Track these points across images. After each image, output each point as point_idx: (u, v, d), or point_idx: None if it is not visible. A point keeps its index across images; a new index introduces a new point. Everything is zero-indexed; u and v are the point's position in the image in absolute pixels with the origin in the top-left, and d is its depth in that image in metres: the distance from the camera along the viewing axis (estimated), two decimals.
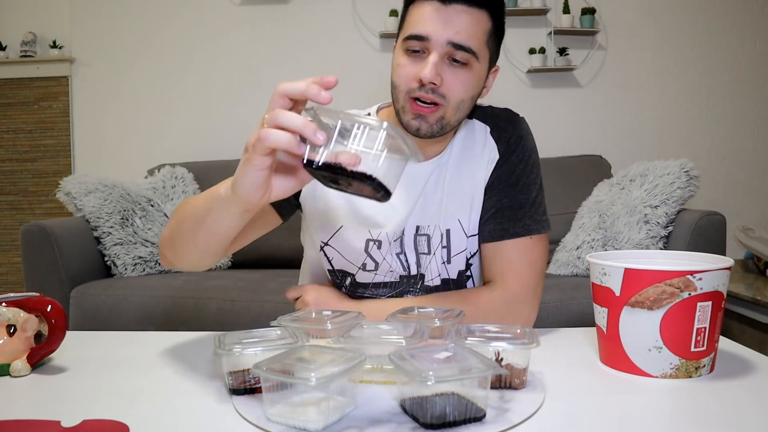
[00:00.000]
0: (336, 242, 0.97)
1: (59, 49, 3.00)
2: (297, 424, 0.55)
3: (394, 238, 0.95)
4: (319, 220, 0.98)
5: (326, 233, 0.97)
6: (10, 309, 0.74)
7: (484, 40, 0.87)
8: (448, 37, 0.83)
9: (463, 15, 0.84)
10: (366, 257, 0.96)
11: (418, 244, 0.96)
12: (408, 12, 0.89)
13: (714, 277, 0.68)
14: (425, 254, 0.96)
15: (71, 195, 2.34)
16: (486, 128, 0.98)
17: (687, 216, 2.08)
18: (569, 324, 1.84)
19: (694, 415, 0.59)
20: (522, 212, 0.94)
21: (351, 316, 0.76)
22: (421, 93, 0.85)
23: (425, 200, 0.95)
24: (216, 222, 0.75)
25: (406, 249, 0.96)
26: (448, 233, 0.95)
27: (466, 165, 0.96)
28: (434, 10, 0.84)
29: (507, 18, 0.91)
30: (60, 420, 0.57)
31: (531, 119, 1.03)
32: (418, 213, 0.95)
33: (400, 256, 0.96)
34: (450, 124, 0.89)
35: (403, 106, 0.88)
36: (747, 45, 2.93)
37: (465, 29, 0.84)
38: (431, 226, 0.95)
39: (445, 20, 0.83)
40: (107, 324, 2.05)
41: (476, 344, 0.63)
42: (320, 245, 0.98)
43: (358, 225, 0.95)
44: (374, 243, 0.95)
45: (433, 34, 0.84)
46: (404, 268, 0.97)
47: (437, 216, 0.95)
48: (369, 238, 0.95)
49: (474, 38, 0.85)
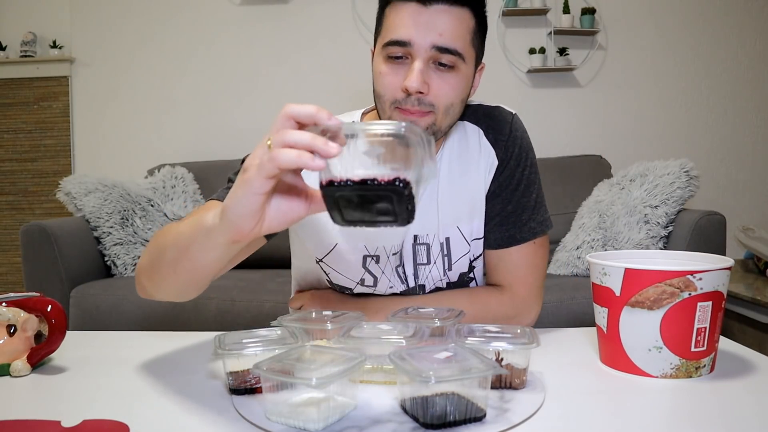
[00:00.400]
0: (331, 260, 0.94)
1: (59, 49, 3.00)
2: (297, 424, 0.55)
3: (393, 252, 0.93)
4: (312, 239, 0.94)
5: (321, 251, 0.94)
6: (10, 309, 0.74)
7: (468, 39, 0.82)
8: (432, 41, 0.79)
9: (445, 15, 0.79)
10: (364, 272, 0.94)
11: (417, 254, 0.94)
12: (385, 15, 0.84)
13: (714, 277, 0.68)
14: (424, 264, 0.94)
15: (71, 195, 2.34)
16: (479, 131, 0.94)
17: (687, 216, 2.08)
18: (569, 324, 1.84)
19: (694, 415, 0.59)
20: (526, 215, 0.93)
21: (351, 316, 0.76)
22: (408, 105, 0.81)
23: (422, 209, 0.92)
24: (200, 252, 0.67)
25: (405, 261, 0.94)
26: (448, 241, 0.94)
27: (462, 171, 0.93)
28: (414, 12, 0.79)
29: (507, 18, 0.90)
30: (60, 420, 0.57)
31: (531, 119, 1.03)
32: (416, 222, 0.92)
33: (398, 269, 0.94)
34: (441, 130, 0.85)
35: (390, 117, 0.84)
36: (747, 45, 2.93)
37: (449, 30, 0.79)
38: (430, 235, 0.93)
39: (426, 23, 0.79)
40: (107, 324, 2.05)
41: (476, 344, 0.64)
42: (316, 260, 0.95)
43: (353, 241, 0.92)
44: (372, 258, 0.93)
45: (416, 38, 0.79)
46: (402, 281, 0.95)
47: (435, 224, 0.93)
48: (366, 254, 0.93)
49: (459, 39, 0.80)
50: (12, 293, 0.78)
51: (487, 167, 0.93)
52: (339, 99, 2.92)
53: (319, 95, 2.95)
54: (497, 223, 0.94)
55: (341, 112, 0.94)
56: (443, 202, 0.93)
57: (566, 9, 2.81)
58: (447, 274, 0.96)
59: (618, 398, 0.64)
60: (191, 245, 0.67)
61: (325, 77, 2.95)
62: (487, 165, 0.93)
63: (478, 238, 0.95)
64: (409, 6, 0.80)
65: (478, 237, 0.95)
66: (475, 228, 0.94)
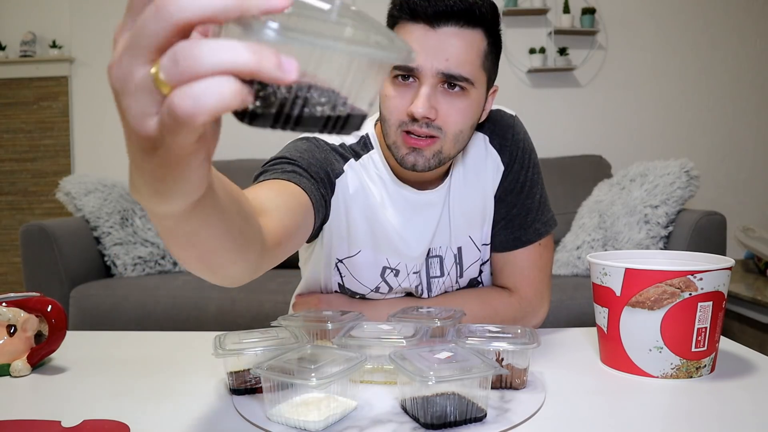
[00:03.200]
0: (351, 263, 0.93)
1: (59, 49, 3.00)
2: (297, 424, 0.55)
3: (413, 270, 0.92)
4: (339, 240, 0.91)
5: (343, 253, 0.92)
6: (11, 309, 0.74)
7: (479, 63, 0.78)
8: (438, 67, 0.75)
9: (454, 39, 0.75)
10: (380, 281, 0.93)
11: (430, 268, 0.94)
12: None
13: (715, 277, 0.68)
14: (437, 277, 0.94)
15: (71, 195, 2.34)
16: (484, 137, 0.93)
17: (687, 216, 2.08)
18: (569, 324, 1.84)
19: (694, 415, 0.59)
20: (530, 217, 0.93)
21: (351, 316, 0.76)
22: (414, 127, 0.77)
23: (440, 225, 0.92)
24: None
25: (420, 276, 0.94)
26: (460, 250, 0.94)
27: (472, 181, 0.93)
28: (422, 36, 0.76)
29: (507, 18, 0.89)
30: (60, 420, 0.57)
31: (531, 119, 1.03)
32: (434, 239, 0.92)
33: (416, 286, 0.94)
34: (449, 156, 0.81)
35: (395, 141, 0.80)
36: (747, 45, 2.93)
37: (456, 56, 0.75)
38: (443, 247, 0.93)
39: (435, 47, 0.75)
40: (107, 324, 2.05)
41: (477, 344, 0.63)
42: (336, 260, 0.93)
43: (377, 253, 0.91)
44: (391, 271, 0.92)
45: (423, 64, 0.75)
46: (416, 293, 0.95)
47: (449, 237, 0.93)
48: (386, 266, 0.92)
49: (467, 64, 0.76)
50: (12, 293, 0.78)
51: (494, 171, 0.93)
52: None
53: None
54: (502, 226, 0.94)
55: None
56: (455, 213, 0.92)
57: (566, 9, 2.81)
58: (458, 282, 0.96)
59: (618, 398, 0.64)
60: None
61: None
62: (494, 169, 0.93)
63: (487, 244, 0.96)
64: (417, 28, 0.76)
65: (487, 243, 0.95)
66: (485, 234, 0.95)
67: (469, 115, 0.80)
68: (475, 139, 0.93)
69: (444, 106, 0.77)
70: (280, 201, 0.70)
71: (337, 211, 0.88)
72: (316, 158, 0.84)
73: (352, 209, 0.88)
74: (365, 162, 0.90)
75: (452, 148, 0.81)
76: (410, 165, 0.80)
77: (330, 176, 0.85)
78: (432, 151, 0.79)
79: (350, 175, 0.88)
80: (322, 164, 0.84)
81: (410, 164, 0.80)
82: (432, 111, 0.76)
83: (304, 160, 0.82)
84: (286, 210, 0.69)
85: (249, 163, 2.62)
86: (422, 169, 0.81)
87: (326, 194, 0.83)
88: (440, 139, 0.79)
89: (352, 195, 0.88)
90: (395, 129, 0.80)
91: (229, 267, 0.52)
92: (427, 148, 0.79)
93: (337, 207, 0.87)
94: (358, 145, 0.91)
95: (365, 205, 0.88)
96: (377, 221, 0.89)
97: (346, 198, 0.88)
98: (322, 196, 0.82)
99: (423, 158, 0.80)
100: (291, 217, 0.69)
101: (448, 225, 0.92)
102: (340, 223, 0.89)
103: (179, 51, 0.27)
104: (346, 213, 0.88)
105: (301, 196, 0.75)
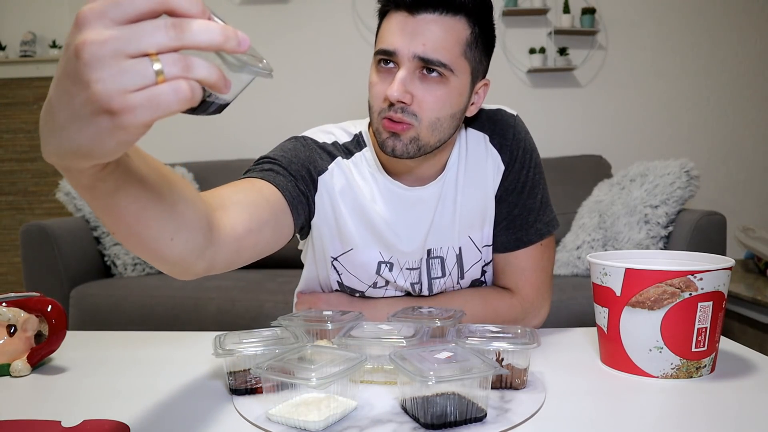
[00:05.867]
0: (346, 260, 0.93)
1: (59, 49, 3.00)
2: (297, 424, 0.55)
3: (407, 266, 0.93)
4: (331, 238, 0.92)
5: (336, 250, 0.93)
6: (11, 309, 0.74)
7: (458, 51, 0.78)
8: (415, 51, 0.76)
9: (432, 25, 0.77)
10: (377, 277, 0.93)
11: (431, 268, 0.94)
12: (381, 25, 0.83)
13: (715, 277, 0.68)
14: (438, 278, 0.94)
15: (71, 195, 2.34)
16: (485, 137, 0.93)
17: (687, 216, 2.08)
18: (569, 324, 1.84)
19: (694, 415, 0.59)
20: (532, 217, 0.93)
21: (351, 316, 0.76)
22: (390, 113, 0.79)
23: (435, 223, 0.92)
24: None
25: (422, 277, 0.94)
26: (460, 251, 0.94)
27: (472, 180, 0.92)
28: (401, 22, 0.78)
29: (507, 18, 0.89)
30: (60, 420, 0.57)
31: (531, 119, 1.03)
32: (430, 237, 0.92)
33: (414, 285, 0.94)
34: (429, 144, 0.82)
35: (377, 128, 0.82)
36: (747, 45, 2.93)
37: (433, 41, 0.76)
38: (443, 248, 0.93)
39: (412, 32, 0.77)
40: (107, 324, 2.05)
41: (477, 344, 0.63)
42: (330, 260, 0.94)
43: (369, 249, 0.92)
44: (386, 265, 0.93)
45: (400, 48, 0.77)
46: (415, 291, 0.95)
47: (449, 236, 0.93)
48: (381, 260, 0.92)
49: (444, 50, 0.77)
50: (12, 293, 0.78)
51: (495, 171, 0.93)
52: (339, 99, 2.92)
53: (319, 95, 2.94)
54: (504, 227, 0.94)
55: (342, 114, 0.94)
56: (457, 213, 0.92)
57: (566, 9, 2.81)
58: (460, 283, 0.96)
59: (618, 398, 0.64)
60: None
61: (324, 77, 2.95)
62: (495, 171, 0.93)
63: (488, 245, 0.95)
64: (398, 15, 0.79)
65: (488, 244, 0.95)
66: (485, 235, 0.94)
67: (448, 104, 0.80)
68: (476, 139, 0.93)
69: (420, 91, 0.78)
70: (241, 197, 0.74)
71: (323, 208, 0.90)
72: (298, 156, 0.87)
73: (340, 207, 0.89)
74: (357, 160, 0.91)
75: (429, 136, 0.81)
76: (390, 149, 0.81)
77: (312, 173, 0.88)
78: (408, 137, 0.80)
79: (336, 172, 0.90)
80: (303, 162, 0.87)
81: (390, 148, 0.81)
82: (407, 96, 0.77)
83: (285, 159, 0.86)
84: (248, 205, 0.73)
85: (249, 163, 2.62)
86: (401, 154, 0.81)
87: (306, 191, 0.86)
88: (415, 126, 0.80)
89: (339, 192, 0.89)
90: (377, 115, 0.82)
91: (165, 244, 0.55)
92: (403, 134, 0.80)
93: (323, 205, 0.89)
94: (351, 143, 0.93)
95: (354, 202, 0.89)
96: (367, 216, 0.89)
97: (332, 195, 0.89)
98: (301, 192, 0.85)
99: (401, 143, 0.81)
100: (253, 212, 0.73)
101: (446, 224, 0.92)
102: (329, 221, 0.91)
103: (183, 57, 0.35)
104: (334, 210, 0.90)
105: (271, 194, 0.79)
